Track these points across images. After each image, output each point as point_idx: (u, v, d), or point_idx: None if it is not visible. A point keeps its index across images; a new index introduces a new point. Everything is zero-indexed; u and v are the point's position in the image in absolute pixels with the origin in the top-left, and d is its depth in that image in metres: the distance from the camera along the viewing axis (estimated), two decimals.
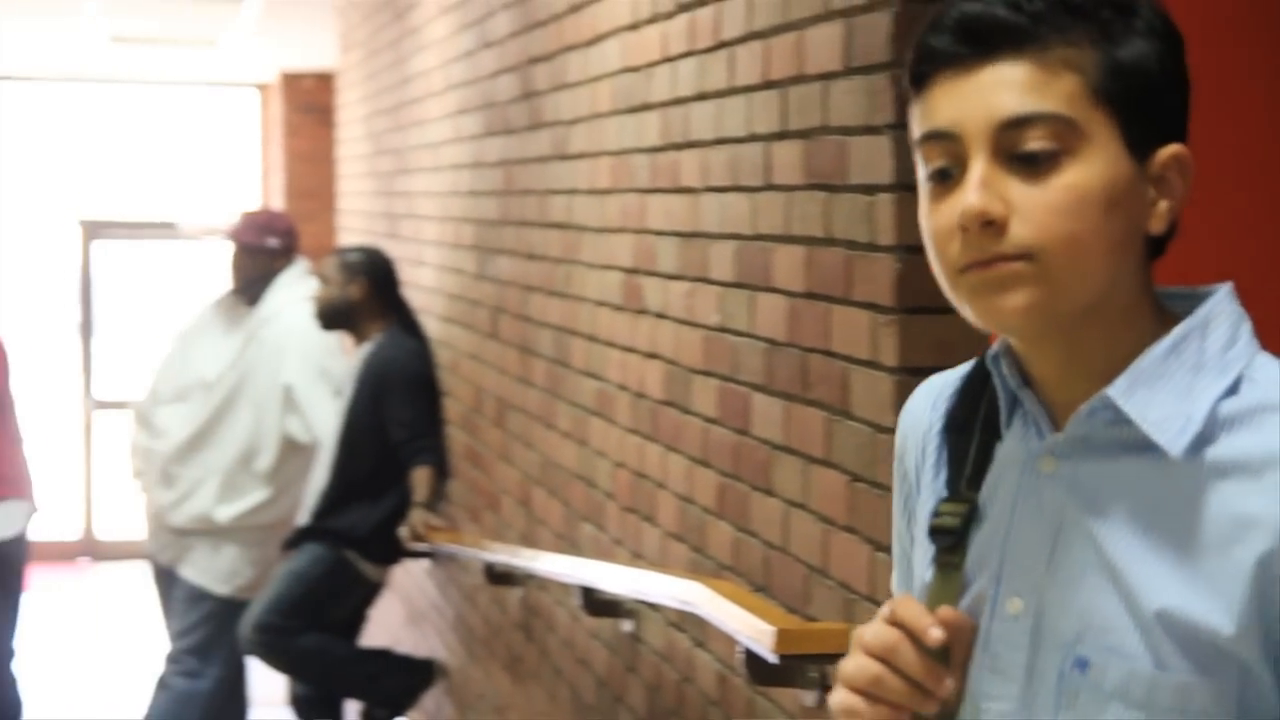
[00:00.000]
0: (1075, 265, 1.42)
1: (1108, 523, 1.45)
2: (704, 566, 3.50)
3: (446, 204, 6.17)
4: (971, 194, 1.43)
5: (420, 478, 5.79)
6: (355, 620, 6.21)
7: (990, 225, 1.42)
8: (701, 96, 3.54)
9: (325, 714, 6.29)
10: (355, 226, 8.42)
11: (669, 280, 3.74)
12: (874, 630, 1.51)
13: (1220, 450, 1.42)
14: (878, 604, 2.78)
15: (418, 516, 5.71)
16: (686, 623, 3.60)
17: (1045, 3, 1.44)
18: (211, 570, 6.47)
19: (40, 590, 7.21)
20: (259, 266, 6.43)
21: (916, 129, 1.49)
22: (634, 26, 3.96)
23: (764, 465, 3.20)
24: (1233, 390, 1.44)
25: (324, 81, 11.52)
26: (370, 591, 6.11)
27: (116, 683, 8.70)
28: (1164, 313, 1.50)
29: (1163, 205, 1.46)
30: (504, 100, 5.24)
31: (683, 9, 3.64)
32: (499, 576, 5.11)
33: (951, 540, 1.55)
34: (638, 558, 3.94)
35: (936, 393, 1.66)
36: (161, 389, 6.60)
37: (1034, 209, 1.42)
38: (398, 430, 5.84)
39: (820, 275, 2.96)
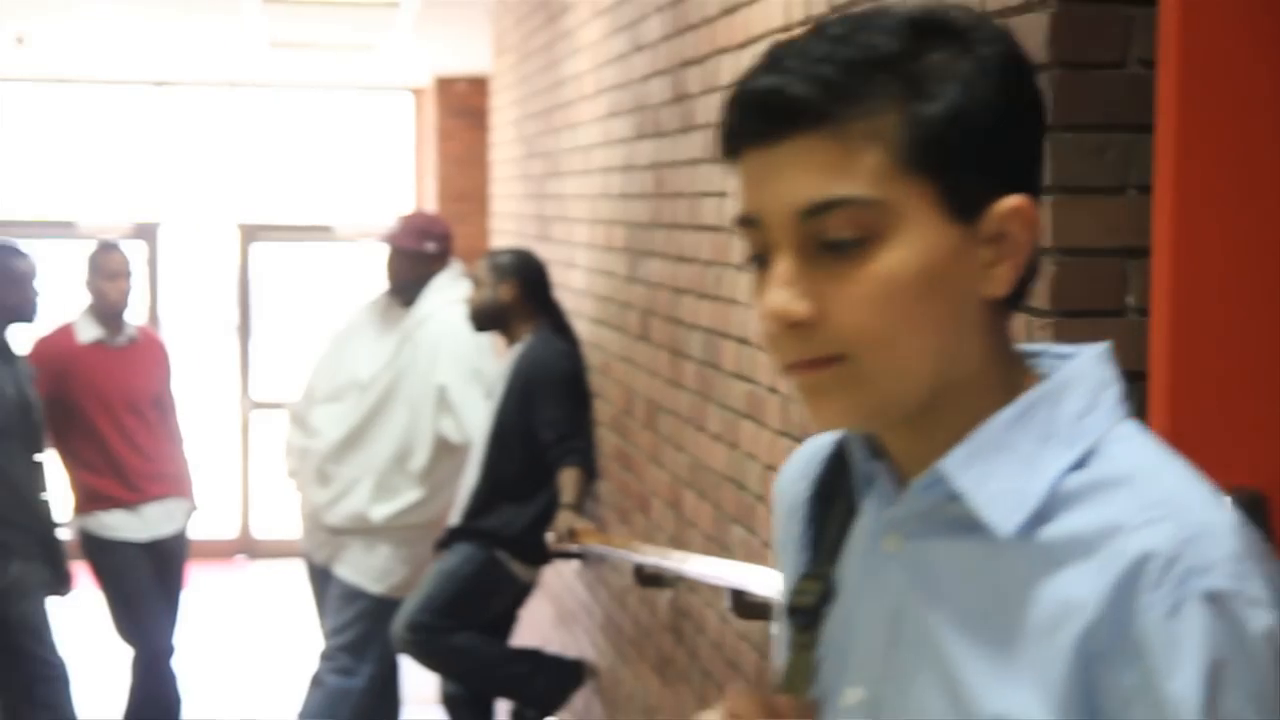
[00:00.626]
0: (892, 362, 1.28)
1: (942, 611, 1.32)
2: None
3: (597, 207, 6.20)
4: (771, 295, 1.29)
5: (567, 479, 5.82)
6: (506, 620, 6.25)
7: (799, 326, 1.28)
8: None
9: (476, 713, 6.34)
10: (507, 229, 8.48)
11: None
12: None
13: (1056, 530, 1.28)
14: None
15: (564, 518, 5.74)
16: None
17: (840, 70, 1.26)
18: (366, 569, 6.54)
19: (198, 588, 7.34)
20: (415, 270, 6.50)
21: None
22: (786, 29, 3.95)
23: None
24: (1081, 463, 1.30)
25: (477, 85, 11.61)
26: (521, 592, 6.15)
27: (272, 680, 8.82)
28: (1028, 375, 1.36)
29: (1003, 266, 1.30)
30: (656, 103, 5.25)
31: (836, 10, 3.63)
32: (649, 578, 5.12)
33: (806, 620, 1.45)
34: None
35: (809, 459, 1.52)
36: (317, 389, 6.68)
37: (842, 305, 1.27)
38: (546, 431, 5.87)
39: None
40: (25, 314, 6.26)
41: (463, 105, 11.94)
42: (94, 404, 6.59)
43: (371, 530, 6.49)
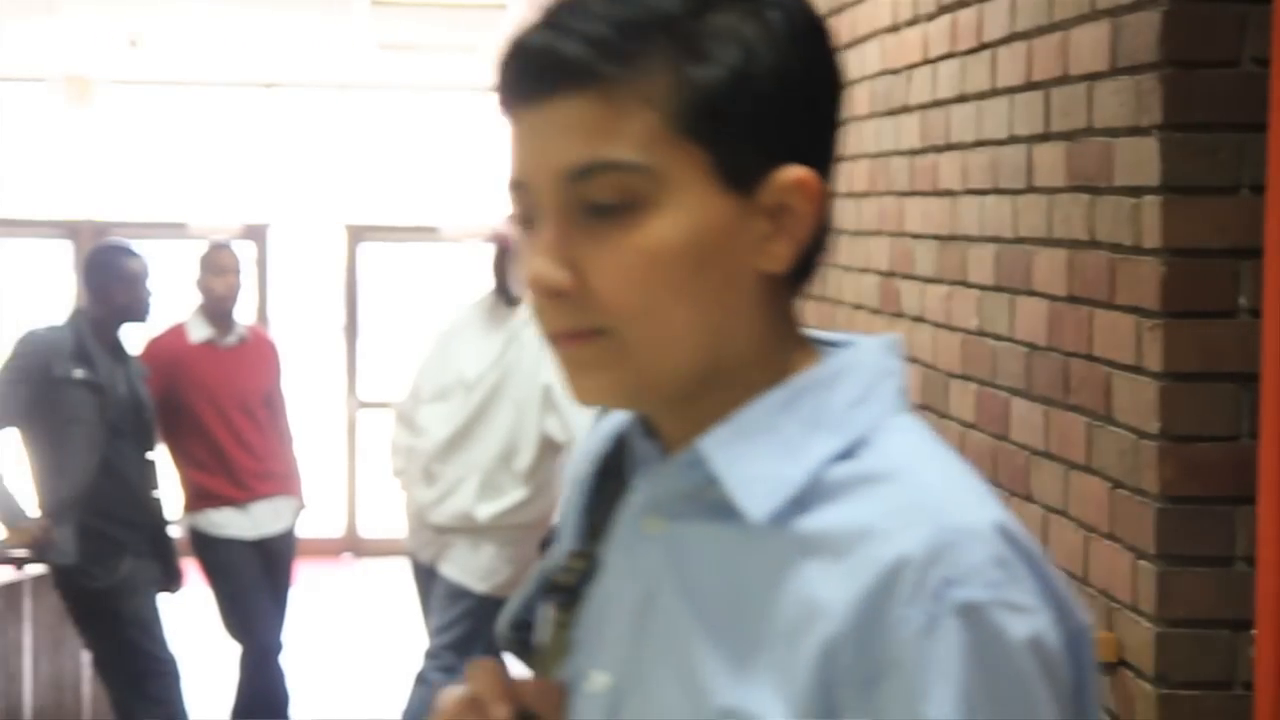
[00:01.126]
0: (657, 337, 1.20)
1: (690, 598, 1.25)
2: None
3: None
4: (533, 261, 1.22)
5: None
6: None
7: (562, 295, 1.21)
8: (962, 98, 3.51)
9: None
10: None
11: (927, 283, 3.71)
12: (451, 703, 1.39)
13: (811, 522, 1.19)
14: (1141, 613, 2.73)
15: None
16: None
17: (614, 29, 1.18)
18: (471, 568, 6.57)
19: (305, 586, 7.40)
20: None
21: None
22: (894, 29, 3.94)
23: (1023, 471, 3.16)
24: (849, 454, 1.21)
25: None
26: None
27: (377, 677, 8.89)
28: (808, 360, 1.28)
29: (781, 241, 1.23)
30: None
31: (944, 10, 3.61)
32: None
33: (567, 598, 1.40)
34: None
35: (599, 437, 1.44)
36: (423, 389, 6.72)
37: (605, 275, 1.19)
38: None
39: (1082, 278, 2.92)
40: (137, 314, 6.34)
41: None
42: (204, 403, 6.66)
43: (476, 529, 6.52)
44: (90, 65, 11.43)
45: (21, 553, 6.22)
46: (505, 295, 6.59)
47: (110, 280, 6.26)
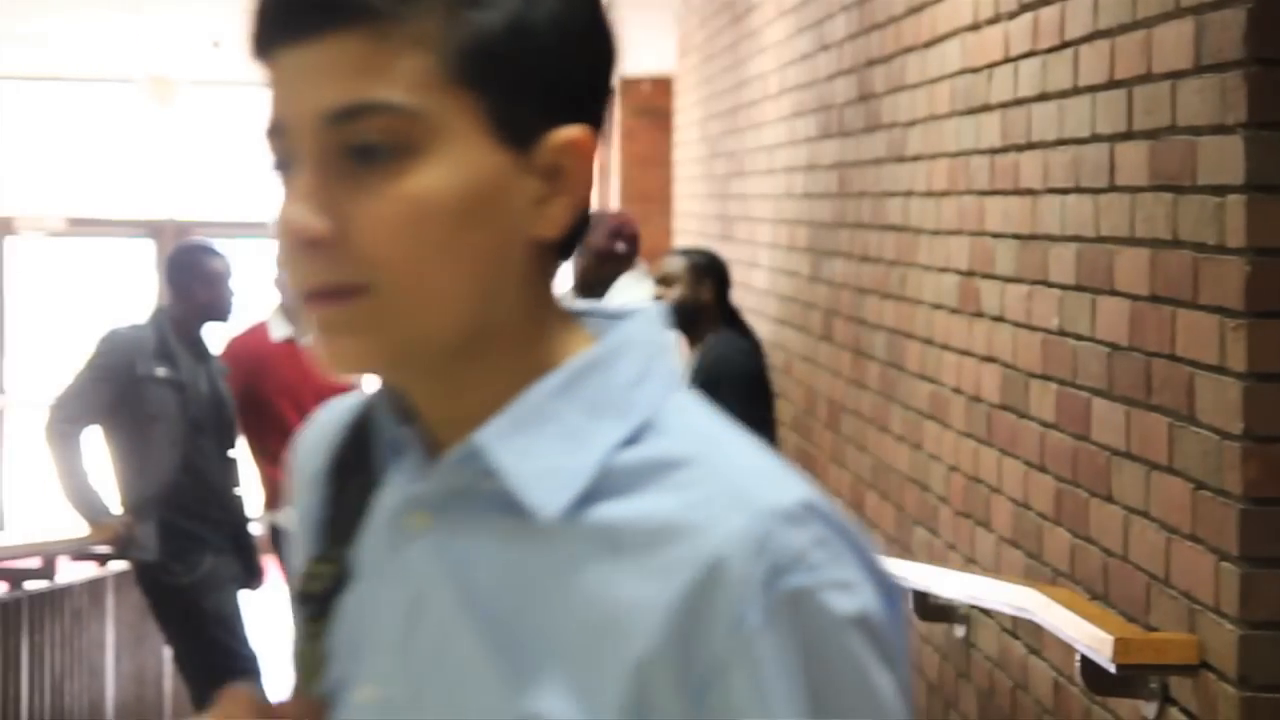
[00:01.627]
0: (419, 296, 1.12)
1: (469, 600, 1.15)
2: (1039, 573, 3.45)
3: (781, 207, 6.19)
4: (287, 208, 1.12)
5: None
6: None
7: (318, 246, 1.12)
8: (1043, 97, 3.49)
9: None
10: (690, 229, 8.50)
11: (1007, 283, 3.70)
12: None
13: (604, 516, 1.12)
14: (1223, 615, 2.71)
15: None
16: (1020, 629, 3.55)
17: None
18: None
19: None
20: (604, 269, 6.54)
21: None
22: (975, 27, 3.92)
23: (1103, 471, 3.14)
24: (635, 438, 1.14)
25: (661, 85, 11.65)
26: None
27: None
28: (577, 335, 1.20)
29: (555, 204, 1.15)
30: (840, 102, 5.23)
31: (1026, 8, 3.59)
32: None
33: (317, 608, 1.27)
34: (971, 563, 3.90)
35: (328, 427, 1.32)
36: None
37: (367, 224, 1.11)
38: None
39: (1165, 278, 2.90)
40: (219, 313, 6.38)
41: (646, 105, 11.99)
42: (285, 400, 6.70)
43: None
44: (173, 66, 11.53)
45: (104, 549, 6.28)
46: (585, 294, 6.61)
47: (192, 279, 6.30)
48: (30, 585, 5.99)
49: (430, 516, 1.18)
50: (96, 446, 6.14)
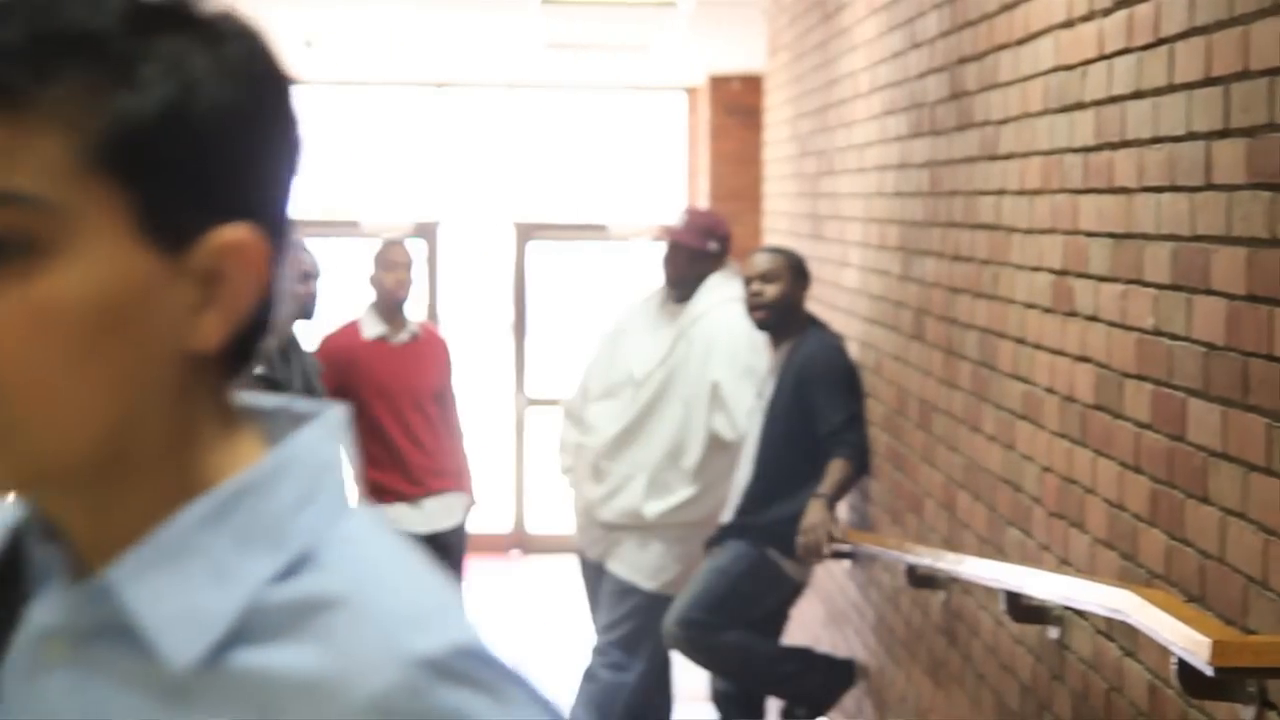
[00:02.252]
0: (46, 414, 1.00)
1: None
2: (1134, 574, 3.42)
3: (871, 205, 6.17)
4: None
5: (833, 469, 5.80)
6: (777, 619, 6.25)
7: None
8: (1138, 94, 3.46)
9: (746, 711, 6.36)
10: (780, 227, 8.48)
11: (1101, 282, 3.67)
12: None
13: (248, 663, 1.02)
14: None
15: (813, 509, 5.69)
16: (1115, 631, 3.52)
17: (28, 37, 1.00)
18: (639, 565, 6.59)
19: (473, 581, 7.47)
20: (695, 267, 6.54)
21: None
22: (1068, 24, 3.89)
23: (1200, 472, 3.11)
24: (292, 571, 1.04)
25: (750, 83, 11.63)
26: (792, 590, 6.14)
27: (544, 673, 8.94)
28: (247, 450, 1.08)
29: (212, 313, 1.04)
30: (932, 101, 5.21)
31: (1121, 5, 3.56)
32: (921, 579, 5.08)
33: None
34: (1064, 564, 3.87)
35: None
36: (592, 386, 6.76)
37: None
38: (820, 425, 5.87)
39: (1263, 277, 2.87)
40: (306, 310, 6.44)
41: (736, 103, 11.98)
42: (377, 399, 6.73)
43: (645, 526, 6.55)
44: None
45: None
46: (676, 292, 6.61)
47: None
48: None
49: (69, 649, 1.06)
50: None
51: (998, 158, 4.47)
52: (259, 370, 6.12)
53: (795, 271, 6.10)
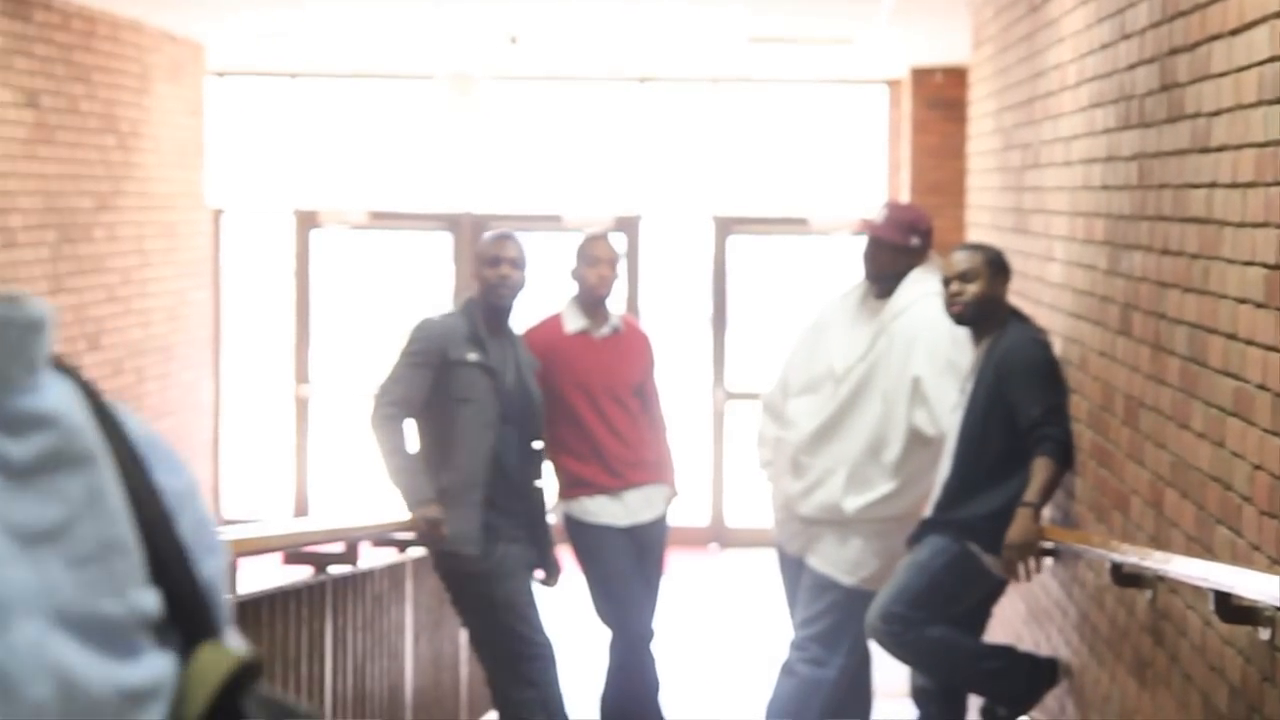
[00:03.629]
0: None
1: None
2: None
3: (1077, 199, 6.09)
4: None
5: (1037, 470, 5.74)
6: (980, 615, 6.20)
7: None
8: None
9: (947, 707, 6.31)
10: (982, 222, 8.40)
11: None
12: None
13: None
14: None
15: (1020, 520, 5.66)
16: None
17: None
18: (838, 560, 6.57)
19: (672, 574, 7.50)
20: (897, 262, 6.50)
21: None
22: None
23: None
24: None
25: (953, 76, 11.54)
26: (994, 586, 6.09)
27: (742, 667, 8.95)
28: None
29: None
30: (1141, 92, 5.13)
31: None
32: (1127, 578, 5.01)
33: None
34: (1276, 564, 3.79)
35: None
36: (792, 381, 6.74)
37: None
38: (1022, 419, 5.80)
39: None
40: (511, 298, 6.52)
41: (938, 97, 11.88)
42: (578, 393, 6.76)
43: (844, 522, 6.52)
44: (472, 61, 11.76)
45: (405, 535, 6.43)
46: (877, 287, 6.57)
47: (480, 265, 6.46)
48: (334, 570, 6.16)
49: None
50: (413, 437, 6.29)
51: (1209, 150, 4.38)
52: (475, 357, 6.20)
53: (994, 267, 6.04)
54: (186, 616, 1.10)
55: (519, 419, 6.34)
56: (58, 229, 8.65)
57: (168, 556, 1.09)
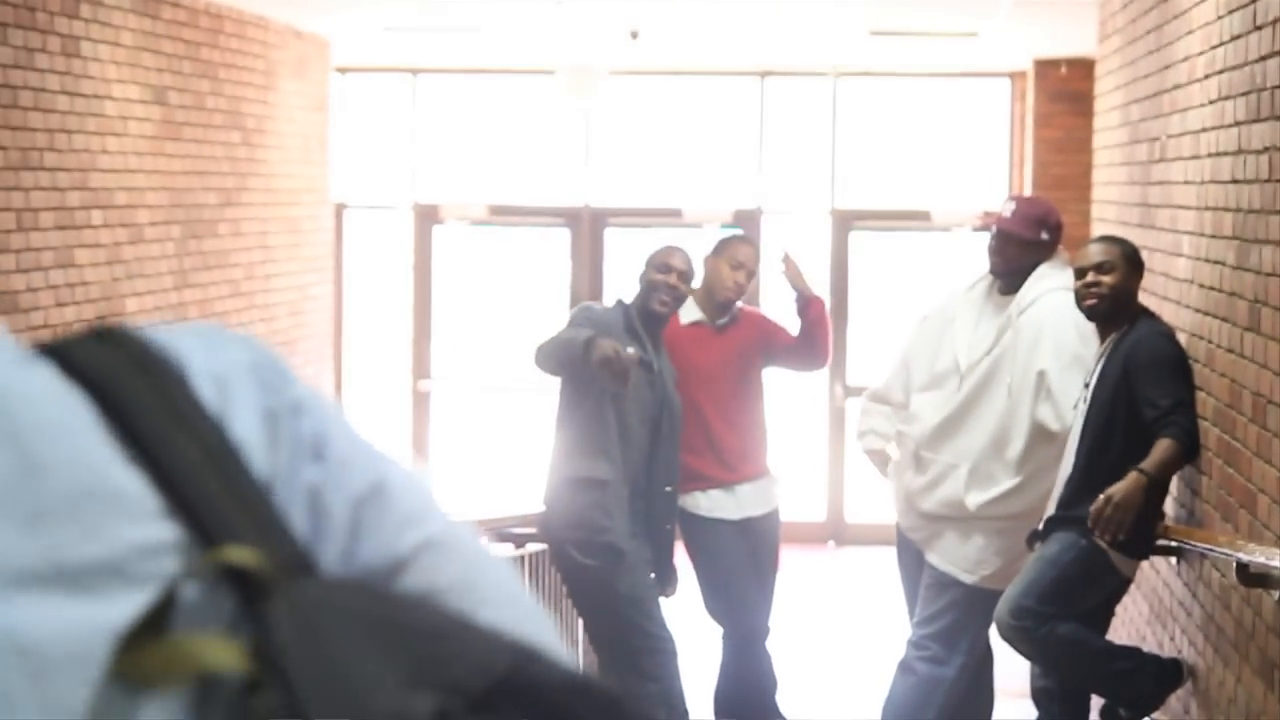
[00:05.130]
0: None
1: None
2: None
3: (1205, 193, 5.99)
4: None
5: (1158, 447, 5.63)
6: (1104, 614, 6.12)
7: None
8: None
9: (1069, 708, 6.23)
10: (1108, 217, 8.30)
11: None
12: None
13: None
14: None
15: (1125, 486, 5.53)
16: None
17: None
18: (959, 557, 6.51)
19: (790, 571, 7.47)
20: (1026, 257, 6.41)
21: None
22: None
23: None
24: None
25: (1076, 68, 11.40)
26: (1119, 584, 6.01)
27: (860, 665, 8.90)
28: None
29: None
30: (1272, 84, 5.04)
31: None
32: (1254, 578, 4.92)
33: None
34: None
35: None
36: (915, 375, 6.68)
37: None
38: (1148, 409, 5.72)
39: None
40: (649, 302, 6.52)
41: (1061, 89, 11.75)
42: (696, 385, 6.74)
43: (966, 518, 6.46)
44: (593, 56, 11.78)
45: (523, 530, 6.45)
46: (1004, 282, 6.49)
47: (649, 268, 6.48)
48: None
49: None
50: (558, 427, 6.32)
51: None
52: (634, 351, 6.18)
53: (1131, 262, 5.96)
54: (266, 543, 1.02)
55: (655, 422, 6.35)
56: (183, 225, 8.76)
57: (234, 489, 1.04)
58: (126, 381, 1.06)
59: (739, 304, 6.96)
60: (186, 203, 8.82)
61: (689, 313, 6.82)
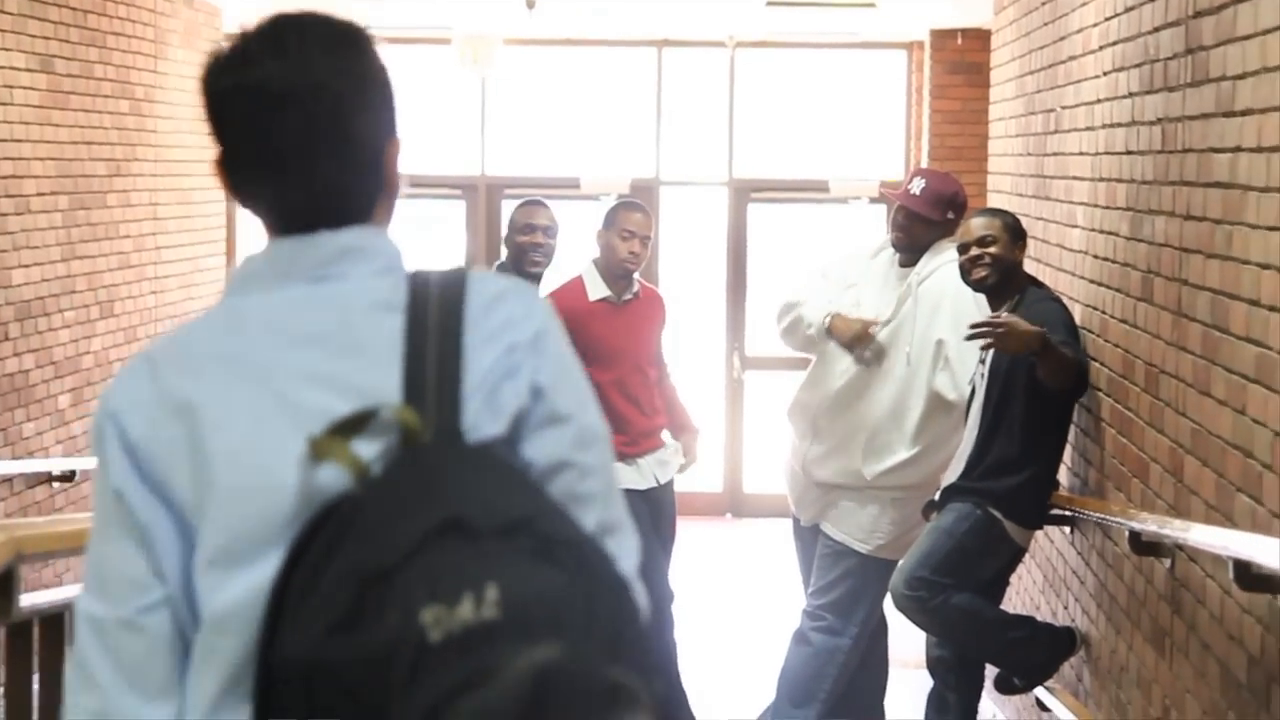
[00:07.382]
0: None
1: None
2: None
3: (1099, 164, 6.02)
4: None
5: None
6: (999, 584, 6.15)
7: None
8: None
9: (963, 678, 6.26)
10: (1004, 188, 8.34)
11: None
12: None
13: None
14: None
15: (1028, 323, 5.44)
16: None
17: None
18: (854, 527, 6.53)
19: (688, 542, 7.46)
20: (930, 235, 6.43)
21: None
22: None
23: None
24: None
25: (974, 39, 11.45)
26: (1014, 554, 6.04)
27: (755, 635, 8.93)
28: None
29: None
30: (1165, 55, 5.06)
31: None
32: (1146, 546, 4.96)
33: None
34: None
35: None
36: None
37: None
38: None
39: None
40: (520, 264, 6.52)
41: (958, 60, 11.79)
42: (601, 362, 6.70)
43: (862, 487, 6.48)
44: (489, 25, 11.69)
45: None
46: (905, 256, 6.50)
47: (509, 230, 6.47)
48: None
49: None
50: None
51: (1234, 114, 4.32)
52: None
53: (1013, 232, 5.98)
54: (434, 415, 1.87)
55: None
56: (71, 195, 8.61)
57: (441, 381, 1.88)
58: (427, 307, 1.95)
59: (638, 279, 6.94)
60: (74, 173, 8.68)
61: (596, 289, 6.80)
